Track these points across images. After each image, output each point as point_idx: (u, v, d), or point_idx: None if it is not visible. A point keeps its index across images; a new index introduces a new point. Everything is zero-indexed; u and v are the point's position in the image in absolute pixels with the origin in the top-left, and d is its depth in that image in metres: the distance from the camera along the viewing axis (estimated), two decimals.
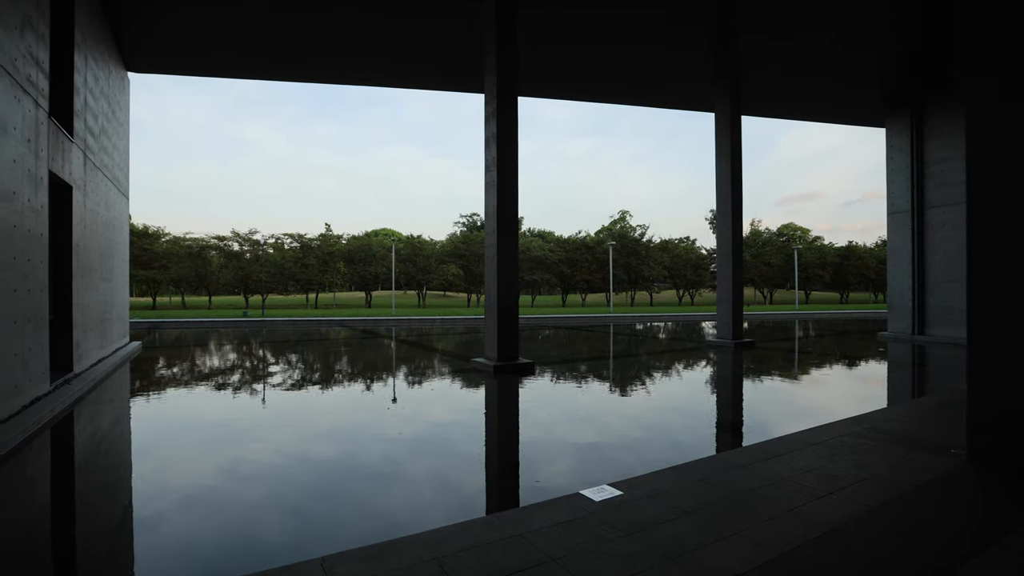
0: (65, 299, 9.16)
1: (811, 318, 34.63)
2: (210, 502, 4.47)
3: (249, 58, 15.05)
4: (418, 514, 4.26)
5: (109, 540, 4.02)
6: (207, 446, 6.21)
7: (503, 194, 12.13)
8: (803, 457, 4.96)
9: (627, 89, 18.63)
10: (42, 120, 7.66)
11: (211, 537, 3.90)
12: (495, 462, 5.56)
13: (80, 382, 8.98)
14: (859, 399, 9.29)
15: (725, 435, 6.68)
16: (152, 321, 27.29)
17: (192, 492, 4.72)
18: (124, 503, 4.59)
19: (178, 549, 3.77)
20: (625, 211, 76.60)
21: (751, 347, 16.25)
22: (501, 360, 11.81)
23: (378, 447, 5.94)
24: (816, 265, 54.79)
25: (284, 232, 46.28)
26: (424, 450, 5.87)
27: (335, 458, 5.62)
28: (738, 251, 17.28)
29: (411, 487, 4.79)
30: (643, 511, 3.75)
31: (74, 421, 7.36)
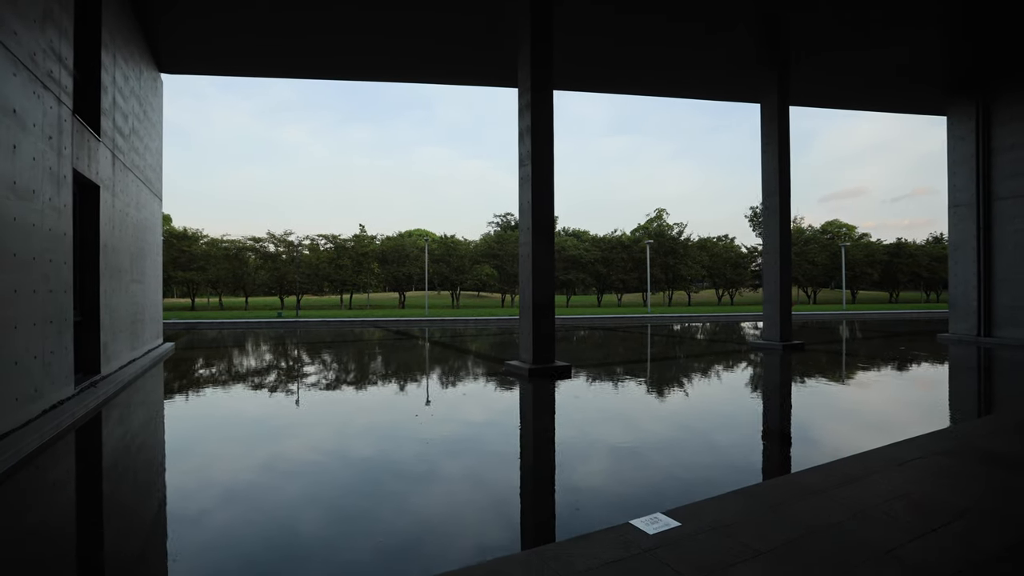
0: (92, 300, 9.06)
1: (860, 318, 32.86)
2: (227, 512, 4.07)
3: (281, 57, 14.92)
4: (444, 541, 3.75)
5: (125, 549, 3.65)
6: (229, 449, 5.87)
7: (538, 189, 11.59)
8: (887, 480, 4.25)
9: (667, 80, 17.79)
10: (65, 117, 7.50)
11: (233, 554, 3.47)
12: (530, 479, 5.00)
13: (107, 385, 8.85)
14: (933, 410, 8.38)
15: (788, 451, 5.93)
16: (189, 322, 27.79)
17: (208, 502, 4.34)
18: (141, 509, 4.25)
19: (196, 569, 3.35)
20: (662, 209, 74.98)
21: (800, 350, 15.25)
22: (536, 363, 11.27)
23: (403, 457, 5.48)
24: (864, 263, 52.35)
25: (318, 233, 46.77)
26: (451, 464, 5.37)
27: (353, 470, 5.18)
28: (786, 248, 16.29)
29: (435, 511, 4.28)
30: (707, 549, 3.14)
31: (96, 425, 7.16)
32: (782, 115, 16.23)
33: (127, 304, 11.05)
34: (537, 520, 4.18)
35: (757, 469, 5.33)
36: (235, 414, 8.11)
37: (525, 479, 5.00)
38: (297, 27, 13.22)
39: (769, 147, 16.40)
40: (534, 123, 11.62)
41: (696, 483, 4.78)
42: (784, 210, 16.30)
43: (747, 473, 5.13)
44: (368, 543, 3.72)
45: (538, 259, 11.53)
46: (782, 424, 7.14)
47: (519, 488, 4.78)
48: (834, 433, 6.69)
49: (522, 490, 4.73)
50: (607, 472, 5.11)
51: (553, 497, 4.60)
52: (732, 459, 5.57)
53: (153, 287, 13.87)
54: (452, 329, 25.86)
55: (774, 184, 16.32)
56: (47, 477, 5.21)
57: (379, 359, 14.47)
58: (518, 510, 4.32)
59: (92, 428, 7.01)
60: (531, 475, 5.13)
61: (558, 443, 6.22)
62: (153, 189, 13.79)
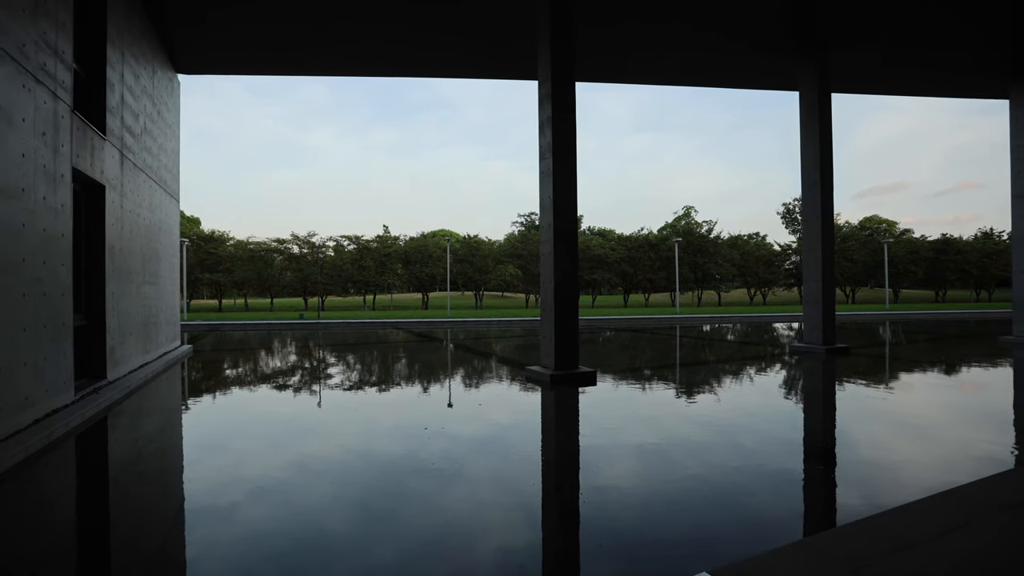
0: (97, 303, 8.75)
1: (907, 319, 31.12)
2: (222, 535, 3.54)
3: (299, 54, 14.56)
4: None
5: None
6: (228, 457, 5.38)
7: (560, 183, 10.93)
8: (998, 529, 3.45)
9: (698, 68, 16.86)
10: (62, 114, 7.15)
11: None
12: (553, 516, 4.33)
13: (112, 390, 8.52)
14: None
15: (858, 485, 5.02)
16: (212, 323, 27.91)
17: (200, 519, 3.82)
18: (125, 529, 3.76)
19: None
20: (690, 207, 73.47)
21: (845, 354, 14.11)
22: (559, 368, 10.61)
23: (400, 488, 4.89)
24: (907, 260, 49.95)
25: (341, 234, 46.89)
26: (459, 494, 4.75)
27: (331, 506, 4.61)
28: (829, 245, 15.19)
29: (433, 561, 3.66)
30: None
31: (91, 435, 6.77)
32: (823, 100, 15.15)
33: (138, 307, 10.77)
34: (557, 566, 3.52)
35: (822, 507, 4.53)
36: (239, 421, 7.66)
37: (548, 513, 4.34)
38: (315, 21, 12.82)
39: (809, 136, 15.36)
40: (555, 112, 10.97)
41: (748, 525, 4.05)
42: (826, 204, 15.24)
43: (809, 511, 4.38)
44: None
45: (560, 258, 10.87)
46: (843, 447, 6.31)
47: (541, 523, 4.13)
48: (912, 459, 5.75)
49: (544, 526, 4.09)
50: (638, 506, 4.41)
51: (577, 535, 3.95)
52: (790, 495, 4.79)
53: (169, 289, 13.66)
54: (474, 331, 25.33)
55: (815, 176, 15.27)
56: (23, 495, 4.77)
57: (392, 364, 13.99)
58: (537, 548, 3.67)
59: (86, 438, 6.61)
60: (555, 511, 4.47)
61: (583, 465, 5.55)
62: (169, 190, 13.57)
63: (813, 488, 4.88)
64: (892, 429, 6.98)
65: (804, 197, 15.71)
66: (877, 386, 10.07)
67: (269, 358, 15.33)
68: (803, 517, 4.24)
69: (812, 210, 15.39)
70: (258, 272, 41.34)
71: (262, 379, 11.52)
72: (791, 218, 72.01)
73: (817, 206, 15.20)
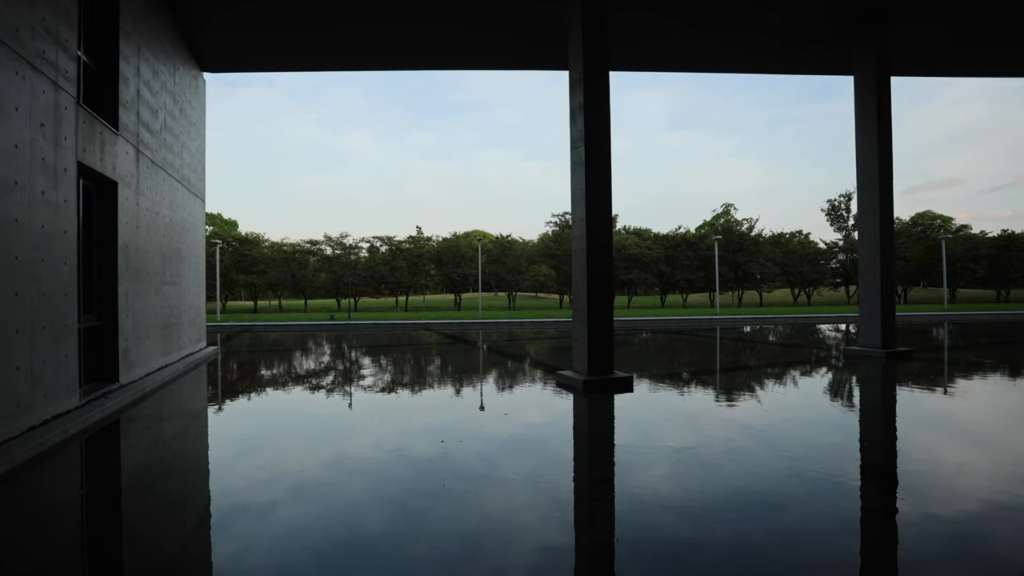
0: (109, 304, 8.45)
1: (969, 320, 28.96)
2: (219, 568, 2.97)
3: (325, 49, 14.23)
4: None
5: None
6: (227, 469, 4.86)
7: (593, 173, 10.16)
8: None
9: (744, 52, 15.71)
10: (65, 105, 6.82)
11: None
12: (585, 561, 3.60)
13: (123, 394, 8.19)
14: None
15: (972, 534, 3.99)
16: (244, 324, 28.10)
17: (187, 544, 3.28)
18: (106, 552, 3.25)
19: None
20: (729, 204, 71.29)
21: (907, 359, 12.80)
22: (592, 373, 9.84)
23: (402, 515, 4.24)
24: (966, 258, 46.85)
25: (374, 235, 46.99)
26: (478, 527, 4.07)
27: (321, 534, 3.99)
28: (888, 238, 13.88)
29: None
30: None
31: (90, 443, 6.39)
32: (881, 80, 13.81)
33: (157, 307, 10.52)
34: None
35: (933, 560, 3.55)
36: (248, 431, 7.19)
37: (580, 557, 3.62)
38: (340, 18, 12.41)
39: (866, 121, 14.09)
40: (587, 98, 10.20)
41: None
42: (885, 194, 13.94)
43: (919, 569, 3.49)
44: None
45: (594, 255, 10.10)
46: (940, 475, 5.36)
47: (574, 562, 3.41)
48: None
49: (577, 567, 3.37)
50: (685, 544, 3.64)
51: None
52: (877, 547, 3.94)
53: (194, 290, 13.48)
54: (506, 332, 24.70)
55: (872, 164, 14.01)
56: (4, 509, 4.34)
57: (416, 367, 13.44)
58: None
59: (79, 449, 6.21)
60: (587, 555, 3.74)
61: (618, 491, 4.79)
62: (193, 189, 13.39)
63: (902, 522, 3.98)
64: (988, 444, 5.94)
65: (859, 187, 14.46)
66: (953, 394, 8.93)
67: (293, 360, 15.04)
68: (887, 559, 3.38)
69: (869, 200, 14.13)
70: (292, 273, 41.75)
71: (282, 382, 11.13)
72: (836, 215, 69.16)
73: (875, 196, 13.94)
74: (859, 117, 14.35)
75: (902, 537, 3.73)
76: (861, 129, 14.30)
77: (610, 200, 10.41)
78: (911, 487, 4.71)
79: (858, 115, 14.38)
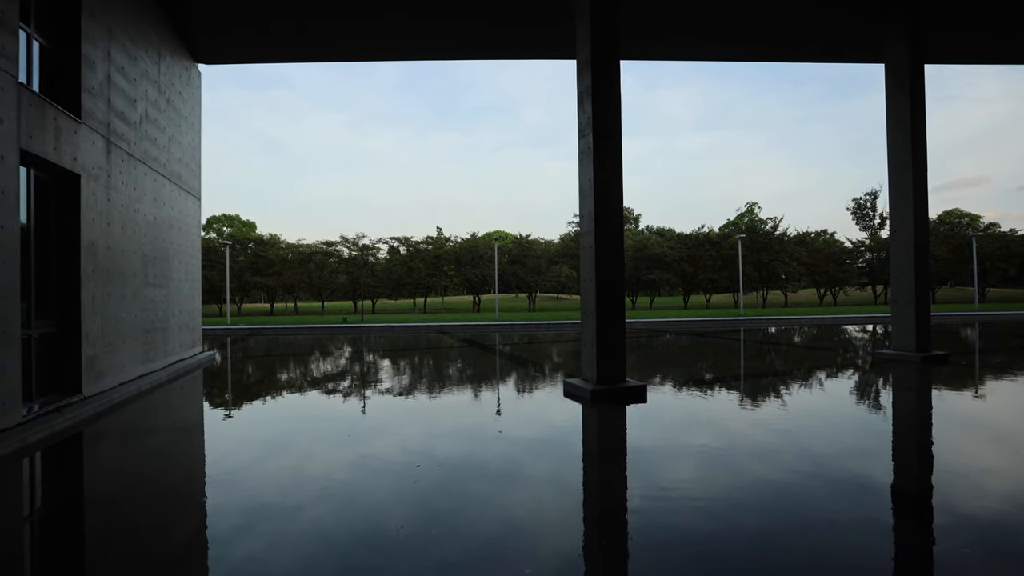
0: (71, 308, 7.77)
1: (1003, 320, 27.26)
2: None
3: (325, 40, 13.52)
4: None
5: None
6: (177, 510, 4.02)
7: (601, 163, 9.20)
8: None
9: (761, 39, 14.62)
10: (2, 84, 6.11)
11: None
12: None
13: (84, 407, 7.50)
14: None
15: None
16: (253, 327, 27.66)
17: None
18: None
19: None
20: (753, 203, 69.31)
21: (943, 363, 11.75)
22: (601, 382, 8.87)
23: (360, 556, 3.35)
24: (996, 256, 44.99)
25: (391, 236, 46.38)
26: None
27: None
28: (922, 233, 12.81)
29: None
30: None
31: (15, 471, 5.65)
32: (915, 69, 12.71)
33: (137, 311, 9.86)
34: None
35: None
36: (218, 453, 6.41)
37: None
38: (344, 4, 11.68)
39: (899, 110, 12.99)
40: (595, 82, 9.24)
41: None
42: (919, 187, 12.78)
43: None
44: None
45: (603, 253, 9.12)
46: (1000, 502, 4.28)
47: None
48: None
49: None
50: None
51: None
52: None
53: (186, 292, 12.85)
54: (522, 334, 23.77)
55: (905, 156, 12.87)
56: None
57: (418, 374, 12.57)
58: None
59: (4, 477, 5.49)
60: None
61: (631, 539, 3.83)
62: (185, 186, 12.77)
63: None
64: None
65: (891, 181, 13.35)
66: (999, 402, 7.71)
67: (290, 367, 14.35)
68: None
69: (902, 195, 12.97)
70: (308, 275, 41.33)
71: (270, 393, 10.40)
72: (862, 214, 66.79)
73: (908, 190, 12.79)
74: (890, 105, 13.22)
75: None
76: (893, 117, 13.18)
77: (621, 192, 9.43)
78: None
79: (889, 105, 13.26)
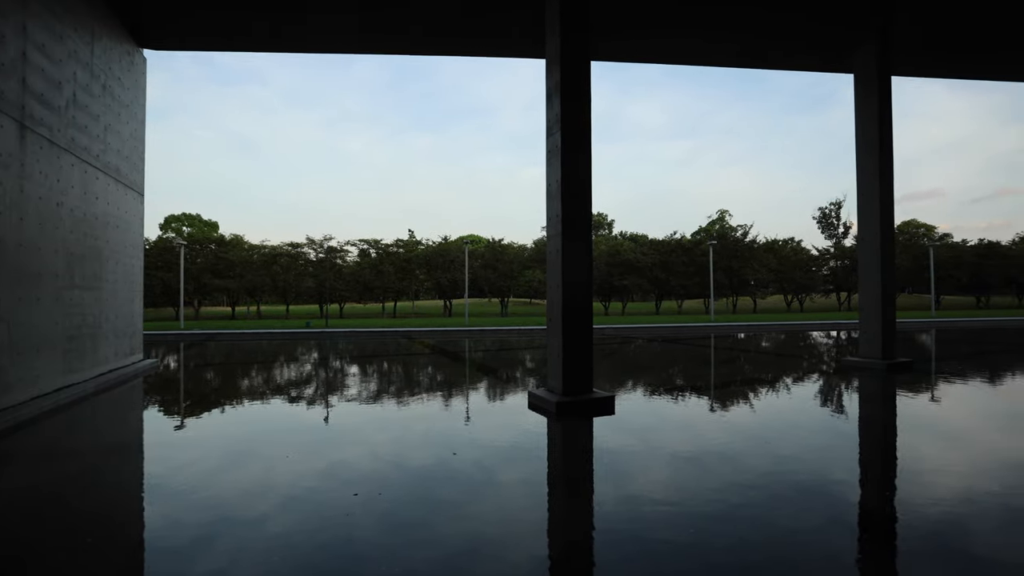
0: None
1: (959, 327, 28.22)
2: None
3: (282, 29, 12.75)
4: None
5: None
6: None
7: (570, 163, 8.72)
8: None
9: (735, 46, 14.47)
10: None
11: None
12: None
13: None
14: None
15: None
16: (209, 332, 26.33)
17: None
18: None
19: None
20: (724, 210, 70.42)
21: (907, 370, 11.97)
22: (567, 394, 8.35)
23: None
24: (950, 265, 47.19)
25: (360, 238, 45.19)
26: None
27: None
28: (888, 241, 12.99)
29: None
30: None
31: None
32: (883, 79, 12.85)
33: (58, 316, 8.93)
34: None
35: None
36: (118, 484, 5.63)
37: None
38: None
39: (867, 119, 13.18)
40: (564, 77, 8.78)
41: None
42: (886, 194, 12.95)
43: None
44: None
45: (570, 257, 8.63)
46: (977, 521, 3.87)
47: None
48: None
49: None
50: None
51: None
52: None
53: (124, 295, 11.87)
54: (493, 339, 23.17)
55: (872, 163, 13.00)
56: None
57: (370, 386, 11.80)
58: None
59: None
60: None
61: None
62: (124, 180, 11.81)
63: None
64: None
65: (859, 189, 13.49)
66: (963, 410, 7.45)
67: (237, 377, 13.46)
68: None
69: (869, 202, 13.12)
70: (273, 277, 39.85)
71: (212, 403, 9.57)
72: (827, 223, 68.96)
73: (875, 197, 12.96)
74: (859, 113, 13.34)
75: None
76: (860, 127, 13.27)
77: (590, 194, 8.95)
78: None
79: (858, 111, 13.35)
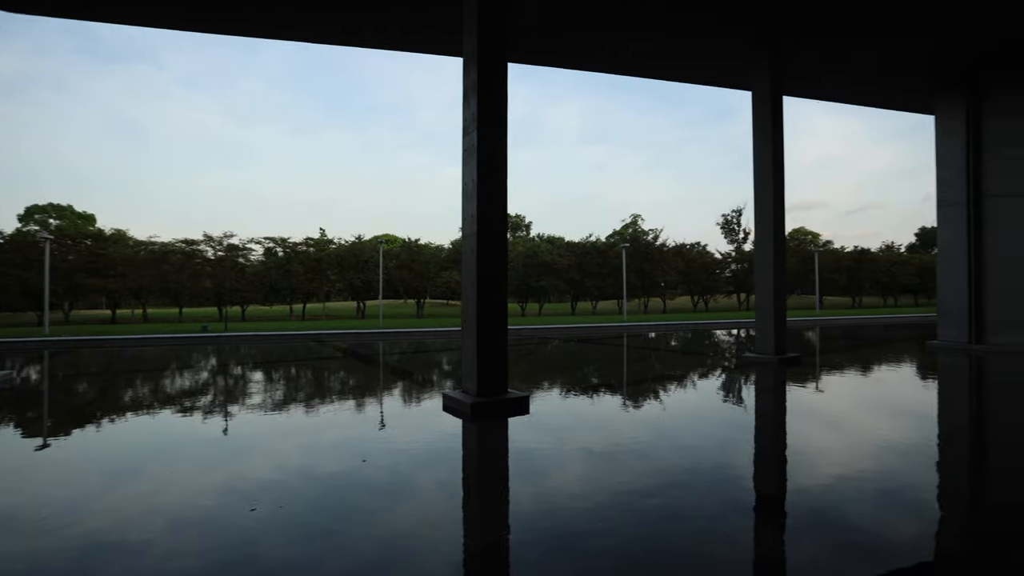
0: None
1: (838, 324, 31.58)
2: None
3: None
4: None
5: None
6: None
7: (486, 161, 8.62)
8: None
9: (645, 56, 15.30)
10: None
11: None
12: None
13: None
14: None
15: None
16: (79, 339, 23.51)
17: None
18: None
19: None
20: (637, 215, 73.85)
21: (796, 363, 13.09)
22: (482, 395, 8.26)
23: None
24: (831, 268, 53.30)
25: (265, 236, 42.60)
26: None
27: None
28: (780, 246, 14.14)
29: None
30: None
31: None
32: (775, 98, 13.98)
33: None
34: None
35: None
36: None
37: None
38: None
39: (762, 134, 14.26)
40: (481, 76, 8.66)
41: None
42: (778, 204, 14.08)
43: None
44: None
45: (485, 257, 8.54)
46: (878, 511, 4.22)
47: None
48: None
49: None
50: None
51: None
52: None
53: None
54: (408, 342, 22.64)
55: (767, 173, 14.08)
56: None
57: (275, 393, 11.04)
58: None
59: None
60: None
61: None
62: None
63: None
64: (892, 451, 4.96)
65: (756, 196, 14.60)
66: (844, 399, 8.26)
67: (119, 388, 12.19)
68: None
69: (763, 210, 14.28)
70: (162, 277, 36.45)
71: (80, 420, 8.53)
72: (729, 229, 74.30)
73: (768, 205, 14.10)
74: (756, 127, 14.37)
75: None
76: (757, 140, 14.36)
77: (505, 195, 8.91)
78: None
79: (755, 125, 14.39)
